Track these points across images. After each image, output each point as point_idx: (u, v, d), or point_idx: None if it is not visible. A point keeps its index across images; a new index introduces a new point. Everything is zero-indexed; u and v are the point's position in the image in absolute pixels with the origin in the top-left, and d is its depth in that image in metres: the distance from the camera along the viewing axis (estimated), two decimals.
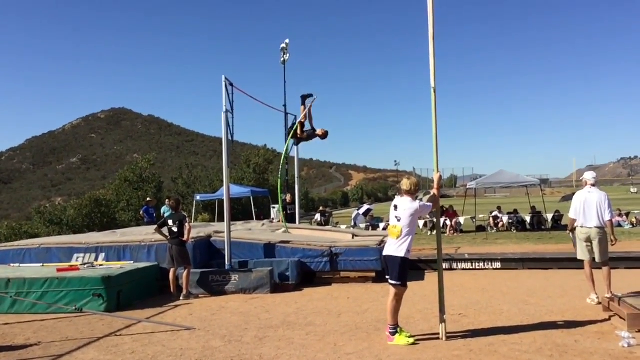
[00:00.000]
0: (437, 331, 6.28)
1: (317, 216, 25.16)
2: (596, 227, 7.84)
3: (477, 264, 11.70)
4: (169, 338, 6.78)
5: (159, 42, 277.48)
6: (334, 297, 9.26)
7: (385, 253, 6.22)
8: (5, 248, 11.73)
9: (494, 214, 22.96)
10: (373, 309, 8.10)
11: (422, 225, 21.82)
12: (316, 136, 12.42)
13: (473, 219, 22.89)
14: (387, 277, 6.19)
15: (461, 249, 15.55)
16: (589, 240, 7.95)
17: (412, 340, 6.02)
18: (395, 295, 6.07)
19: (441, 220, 18.06)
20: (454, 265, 11.76)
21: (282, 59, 22.52)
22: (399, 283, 6.04)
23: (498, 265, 11.59)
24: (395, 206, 6.21)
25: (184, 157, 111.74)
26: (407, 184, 6.22)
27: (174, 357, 5.98)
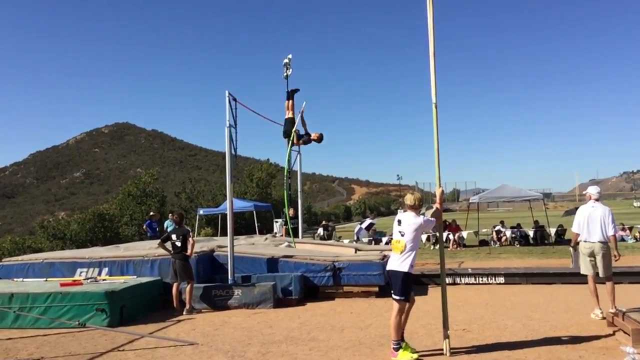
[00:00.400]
0: (441, 347, 6.27)
1: (320, 230, 25.15)
2: (599, 241, 7.83)
3: (480, 279, 11.67)
4: (171, 353, 6.78)
5: (163, 57, 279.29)
6: (337, 311, 9.24)
7: (389, 268, 6.23)
8: (9, 263, 11.76)
9: (496, 228, 22.90)
10: (376, 324, 8.08)
11: (425, 240, 21.78)
12: (312, 141, 12.42)
13: (476, 233, 22.84)
14: (392, 292, 6.19)
15: (464, 263, 15.51)
16: (592, 254, 7.93)
17: (416, 355, 6.00)
18: (398, 310, 6.06)
19: (444, 235, 18.06)
20: (457, 280, 11.73)
21: (285, 74, 22.61)
22: (402, 298, 6.04)
23: (501, 280, 11.56)
24: (399, 221, 6.22)
25: (187, 172, 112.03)
26: (411, 199, 6.23)
27: None
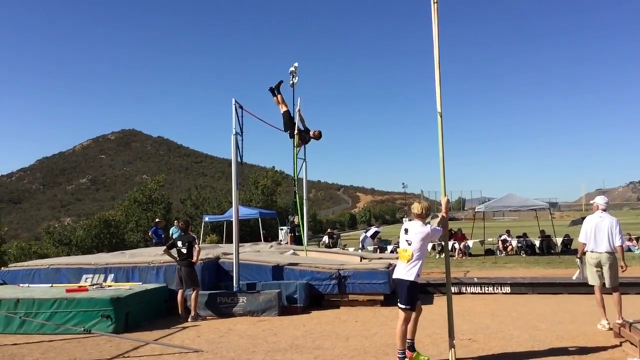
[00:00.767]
0: (447, 356, 6.23)
1: (325, 238, 25.13)
2: (606, 252, 7.79)
3: (486, 288, 11.62)
4: None
5: (169, 65, 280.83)
6: (342, 320, 9.22)
7: (395, 276, 6.21)
8: (15, 268, 11.79)
9: (502, 237, 22.83)
10: (381, 332, 8.05)
11: (430, 248, 21.73)
12: (311, 138, 12.43)
13: (482, 242, 22.77)
14: (397, 301, 6.17)
15: (470, 272, 15.46)
16: (599, 265, 7.89)
17: None
18: (404, 319, 6.03)
19: (449, 244, 17.99)
20: (463, 289, 11.68)
21: (291, 82, 22.69)
22: (408, 307, 6.01)
23: (507, 289, 11.50)
24: (405, 230, 6.20)
25: (192, 179, 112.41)
26: (419, 207, 6.21)
27: None
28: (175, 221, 18.37)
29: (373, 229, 24.43)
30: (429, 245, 21.04)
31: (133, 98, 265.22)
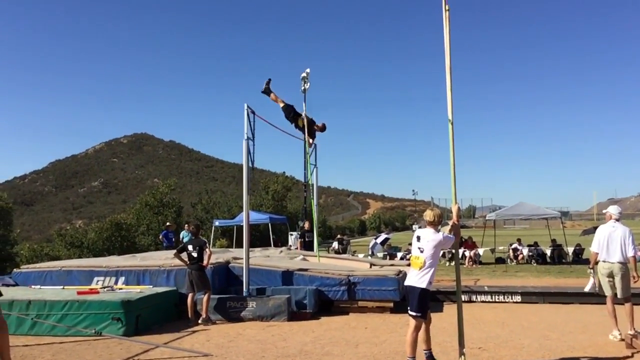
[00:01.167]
0: None
1: (335, 244, 25.12)
2: (619, 262, 7.73)
3: (496, 297, 11.56)
4: None
5: (182, 69, 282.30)
6: (351, 326, 9.21)
7: (407, 283, 6.20)
8: (27, 270, 11.91)
9: (513, 246, 22.72)
10: (391, 340, 8.04)
11: (440, 256, 21.63)
12: (315, 130, 12.37)
13: (492, 250, 22.67)
14: (408, 308, 6.15)
15: (480, 281, 15.39)
16: (611, 275, 7.83)
17: None
18: (415, 326, 6.01)
19: (460, 251, 17.93)
20: (473, 298, 11.64)
21: (302, 88, 22.76)
22: (418, 314, 5.99)
23: (518, 298, 11.44)
24: (417, 237, 6.20)
25: (203, 183, 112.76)
26: (431, 215, 6.21)
27: None
28: (186, 225, 18.41)
29: (383, 236, 24.41)
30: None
31: (145, 102, 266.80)
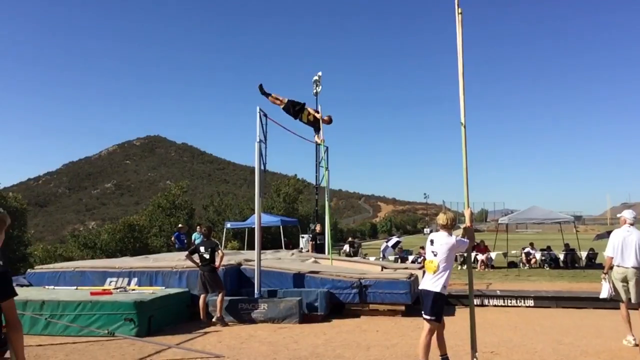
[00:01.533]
0: None
1: (346, 247, 25.10)
2: (633, 267, 7.65)
3: (509, 301, 11.49)
4: None
5: (194, 73, 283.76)
6: (362, 329, 9.19)
7: (421, 287, 6.17)
8: (41, 270, 12.00)
9: (526, 250, 22.58)
10: (402, 343, 8.01)
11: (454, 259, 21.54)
12: (319, 122, 11.99)
13: (505, 254, 22.54)
14: (422, 312, 6.13)
15: (492, 285, 15.30)
16: (625, 280, 7.76)
17: None
18: (429, 330, 5.97)
19: (472, 255, 17.81)
20: (486, 302, 11.57)
21: (314, 91, 22.84)
22: (433, 318, 5.96)
23: (531, 302, 11.36)
24: (431, 241, 6.18)
25: (215, 185, 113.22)
26: (444, 218, 6.18)
27: None
28: (198, 227, 18.52)
29: (394, 239, 24.35)
30: None
31: (158, 105, 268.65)
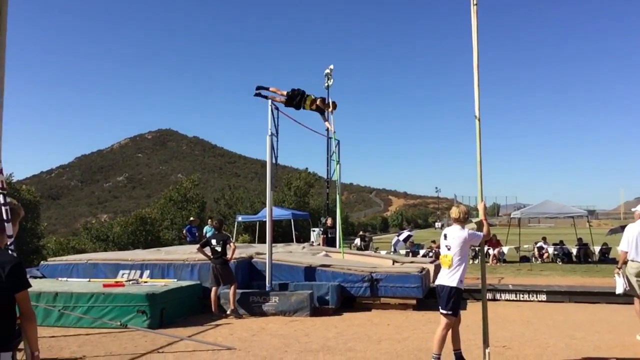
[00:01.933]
0: None
1: (357, 241, 25.09)
2: None
3: (521, 296, 11.43)
4: (210, 357, 6.86)
5: (205, 66, 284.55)
6: (373, 323, 9.19)
7: (437, 282, 6.15)
8: (54, 262, 12.10)
9: (538, 244, 22.45)
10: (414, 337, 8.00)
11: (468, 253, 21.45)
12: (324, 108, 11.69)
13: (517, 249, 22.42)
14: (439, 307, 6.10)
15: (504, 279, 15.23)
16: (639, 275, 7.69)
17: None
18: (446, 324, 5.93)
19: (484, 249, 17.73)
20: (497, 296, 11.52)
21: (326, 84, 22.73)
22: (449, 313, 5.93)
23: (543, 297, 11.30)
24: (445, 235, 6.16)
25: (226, 178, 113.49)
26: (456, 212, 6.14)
27: None
28: (209, 220, 18.56)
29: (405, 233, 24.26)
30: None
31: (170, 99, 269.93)
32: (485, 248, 20.53)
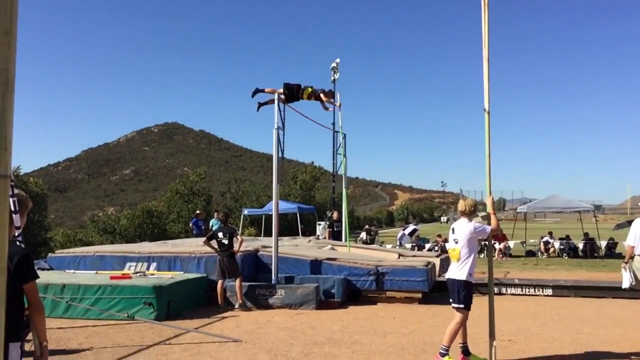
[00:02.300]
0: (486, 357, 6.15)
1: (363, 234, 25.10)
2: None
3: (527, 290, 11.41)
4: (216, 349, 6.89)
5: (212, 60, 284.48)
6: (379, 316, 9.20)
7: (447, 276, 6.16)
8: (61, 254, 12.16)
9: (544, 239, 22.39)
10: (419, 330, 8.01)
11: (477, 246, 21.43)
12: (320, 96, 11.31)
13: (523, 243, 22.37)
14: (450, 301, 6.11)
15: (510, 273, 15.21)
16: None
17: None
18: (460, 319, 5.94)
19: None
20: (503, 290, 11.50)
21: (332, 78, 22.66)
22: (461, 306, 5.92)
23: (549, 291, 11.27)
24: (452, 229, 6.16)
25: (232, 172, 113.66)
26: (463, 205, 6.15)
27: None
28: (215, 213, 18.61)
29: (411, 227, 24.27)
30: None
31: (176, 92, 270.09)
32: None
